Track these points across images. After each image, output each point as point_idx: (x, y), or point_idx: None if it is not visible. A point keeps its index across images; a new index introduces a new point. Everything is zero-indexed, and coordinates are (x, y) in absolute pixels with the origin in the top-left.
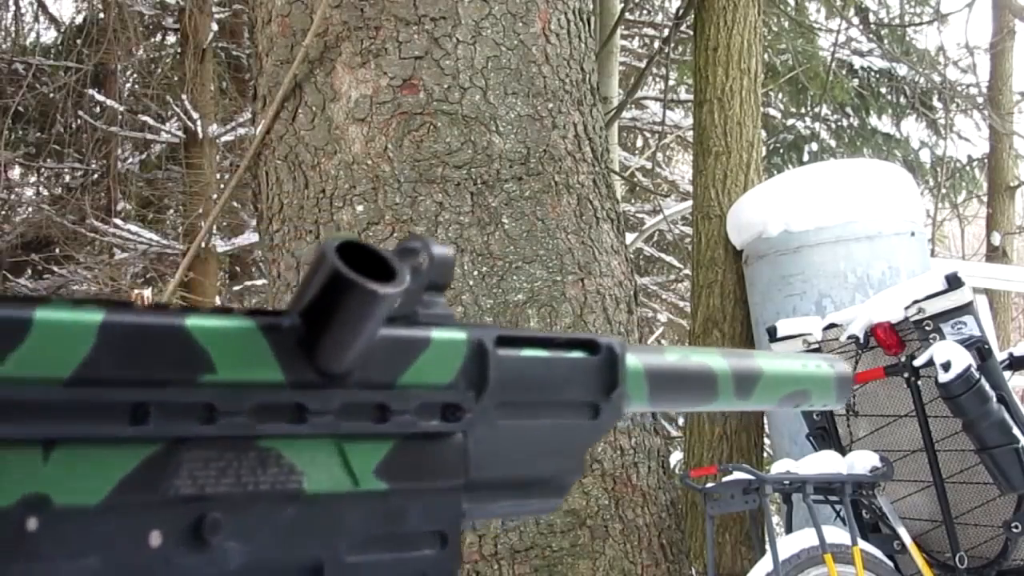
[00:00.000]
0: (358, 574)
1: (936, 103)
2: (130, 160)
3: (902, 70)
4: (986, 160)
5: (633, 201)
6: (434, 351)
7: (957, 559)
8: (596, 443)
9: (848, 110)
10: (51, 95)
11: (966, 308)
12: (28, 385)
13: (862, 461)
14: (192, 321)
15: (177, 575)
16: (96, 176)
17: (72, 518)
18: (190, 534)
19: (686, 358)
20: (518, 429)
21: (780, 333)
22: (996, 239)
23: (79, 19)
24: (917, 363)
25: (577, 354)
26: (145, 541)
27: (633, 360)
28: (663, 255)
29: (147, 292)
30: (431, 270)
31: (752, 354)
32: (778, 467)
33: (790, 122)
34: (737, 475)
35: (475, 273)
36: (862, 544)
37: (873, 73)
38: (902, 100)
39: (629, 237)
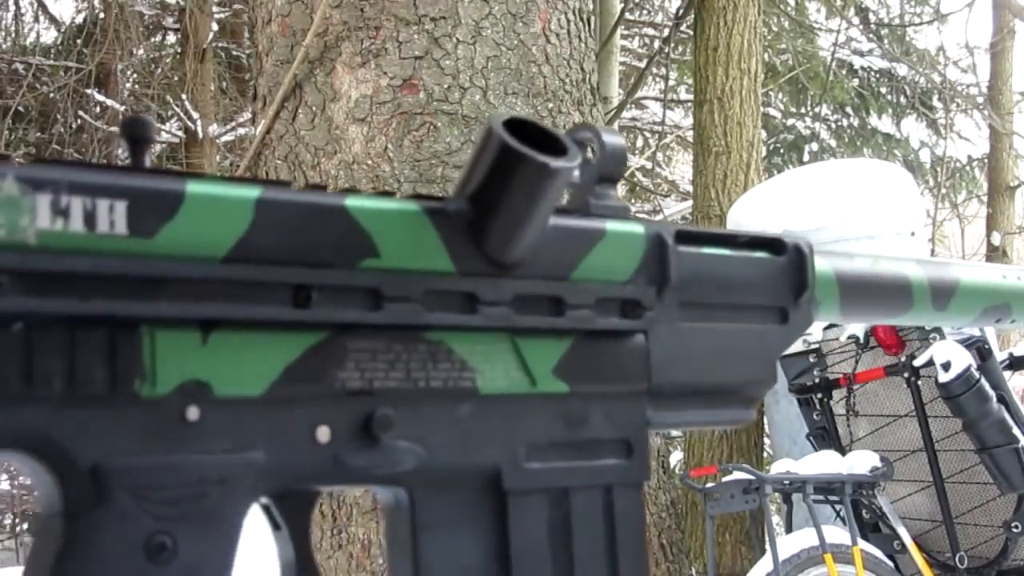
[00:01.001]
0: (539, 481)
1: (936, 103)
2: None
3: (902, 70)
4: (986, 160)
5: (633, 201)
6: (610, 243)
7: (957, 559)
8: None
9: (848, 110)
10: (51, 95)
11: None
12: (182, 261)
13: (862, 461)
14: (352, 202)
15: (346, 475)
16: None
17: (235, 408)
18: (360, 431)
19: (877, 263)
20: (702, 331)
21: None
22: (996, 239)
23: (79, 19)
24: (917, 363)
25: (762, 254)
26: (312, 436)
27: (823, 263)
28: None
29: None
30: (603, 160)
31: (948, 263)
32: (778, 467)
33: (790, 122)
34: (737, 475)
35: None
36: (862, 544)
37: (873, 73)
38: (902, 100)
39: None
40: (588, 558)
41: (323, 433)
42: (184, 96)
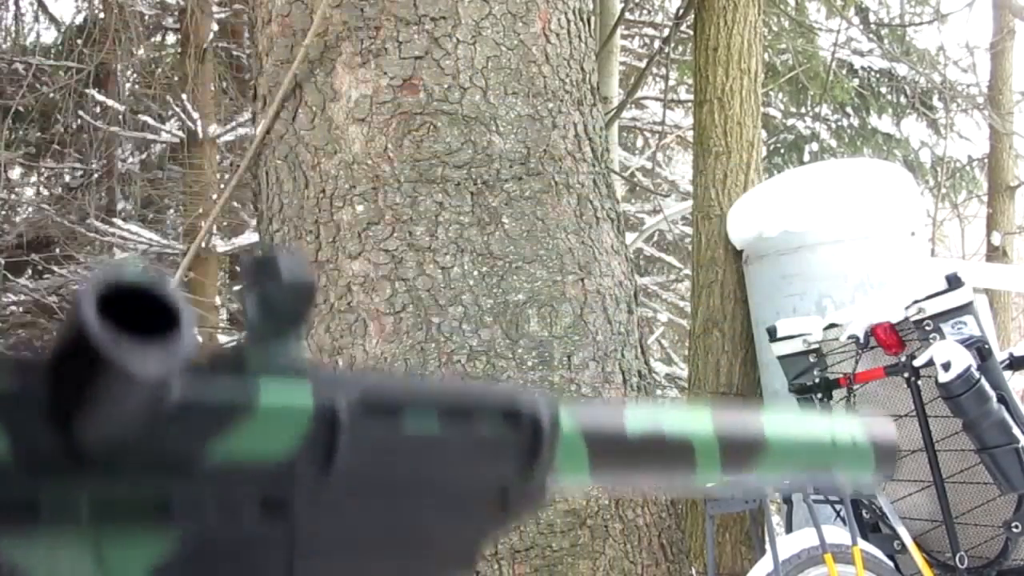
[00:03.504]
0: None
1: (936, 103)
2: (130, 160)
3: (902, 70)
4: (986, 160)
5: (633, 201)
6: (258, 422)
7: (957, 559)
8: (502, 533)
9: (848, 110)
10: (51, 95)
11: (966, 308)
12: None
13: None
14: None
15: None
16: (96, 176)
17: None
18: None
19: (655, 414)
20: (378, 523)
21: (780, 333)
22: (996, 239)
23: (79, 19)
24: (917, 363)
25: (486, 427)
26: None
27: (573, 433)
28: (663, 255)
29: None
30: (279, 300)
31: (756, 415)
32: None
33: (790, 122)
34: None
35: (475, 273)
36: (862, 544)
37: (873, 73)
38: (902, 100)
39: (629, 237)
40: None
41: None
42: (184, 96)
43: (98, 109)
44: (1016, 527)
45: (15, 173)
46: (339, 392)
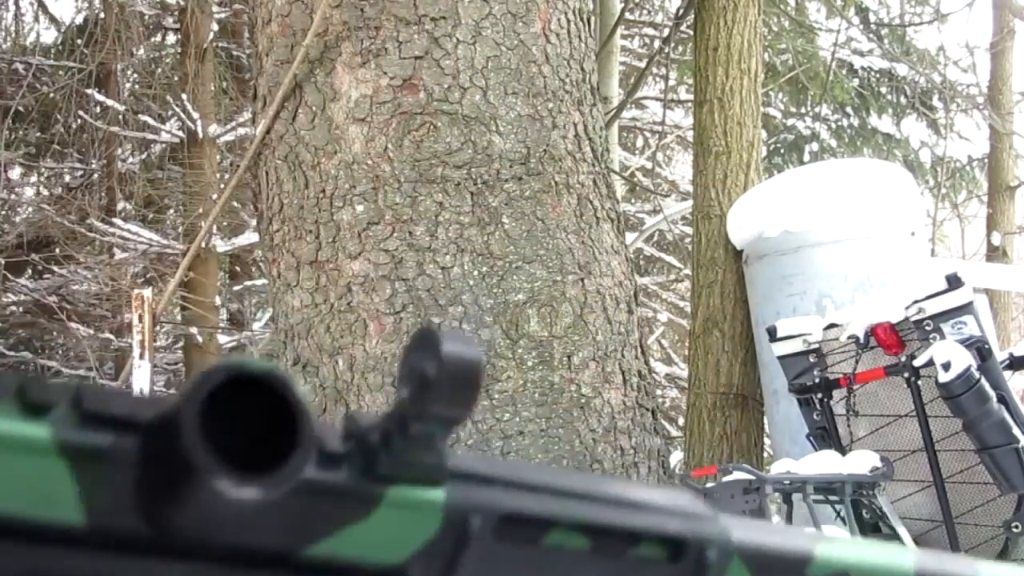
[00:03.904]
0: None
1: (936, 103)
2: (130, 160)
3: (902, 70)
4: (986, 160)
5: (633, 201)
6: (382, 516)
7: None
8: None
9: (848, 110)
10: (51, 95)
11: (966, 308)
12: None
13: (862, 461)
14: None
15: None
16: (96, 176)
17: None
18: None
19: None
20: None
21: (780, 333)
22: (996, 239)
23: (79, 19)
24: (917, 363)
25: (647, 552)
26: None
27: (741, 557)
28: (663, 255)
29: (147, 292)
30: (435, 392)
31: (969, 561)
32: (778, 467)
33: (790, 122)
34: (737, 475)
35: (475, 273)
36: None
37: (873, 73)
38: (902, 100)
39: (629, 237)
40: None
41: None
42: (184, 96)
43: (98, 109)
44: (1016, 527)
45: (15, 173)
46: (477, 502)
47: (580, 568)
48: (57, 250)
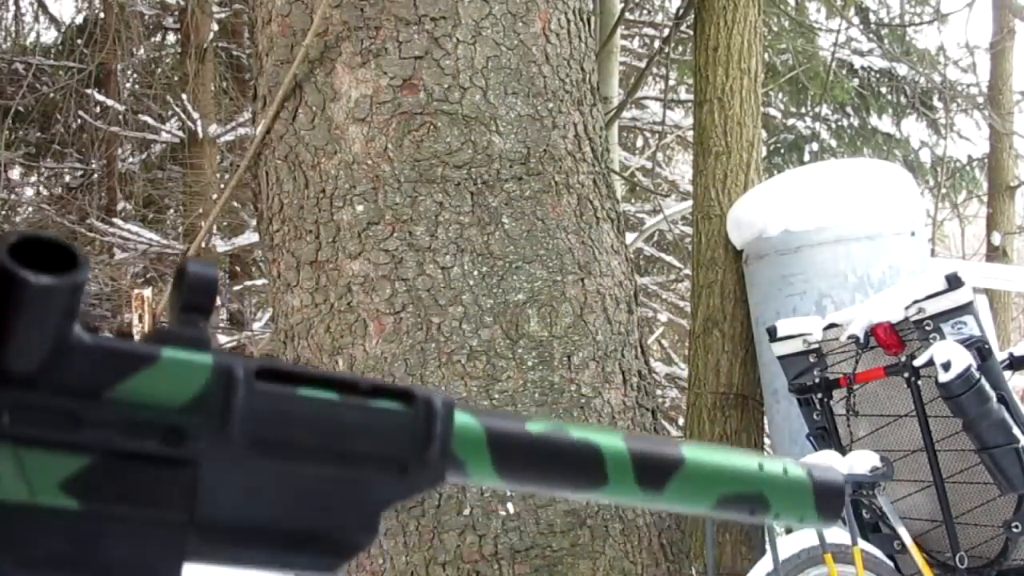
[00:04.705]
0: None
1: (936, 103)
2: (130, 160)
3: (902, 70)
4: (986, 160)
5: (633, 201)
6: (161, 370)
7: (957, 559)
8: (404, 502)
9: (848, 110)
10: (51, 95)
11: (966, 308)
12: None
13: (862, 461)
14: None
15: None
16: (96, 176)
17: None
18: None
19: (558, 429)
20: (278, 472)
21: (780, 333)
22: (996, 239)
23: (79, 19)
24: (917, 363)
25: (382, 403)
26: None
27: (470, 422)
28: (663, 255)
29: (147, 292)
30: (185, 291)
31: (675, 442)
32: None
33: (790, 122)
34: None
35: (475, 273)
36: (862, 544)
37: (873, 73)
38: (902, 100)
39: (629, 237)
40: None
41: None
42: (184, 96)
43: (98, 109)
44: (1016, 527)
45: (15, 173)
46: (239, 362)
47: (334, 413)
48: None
